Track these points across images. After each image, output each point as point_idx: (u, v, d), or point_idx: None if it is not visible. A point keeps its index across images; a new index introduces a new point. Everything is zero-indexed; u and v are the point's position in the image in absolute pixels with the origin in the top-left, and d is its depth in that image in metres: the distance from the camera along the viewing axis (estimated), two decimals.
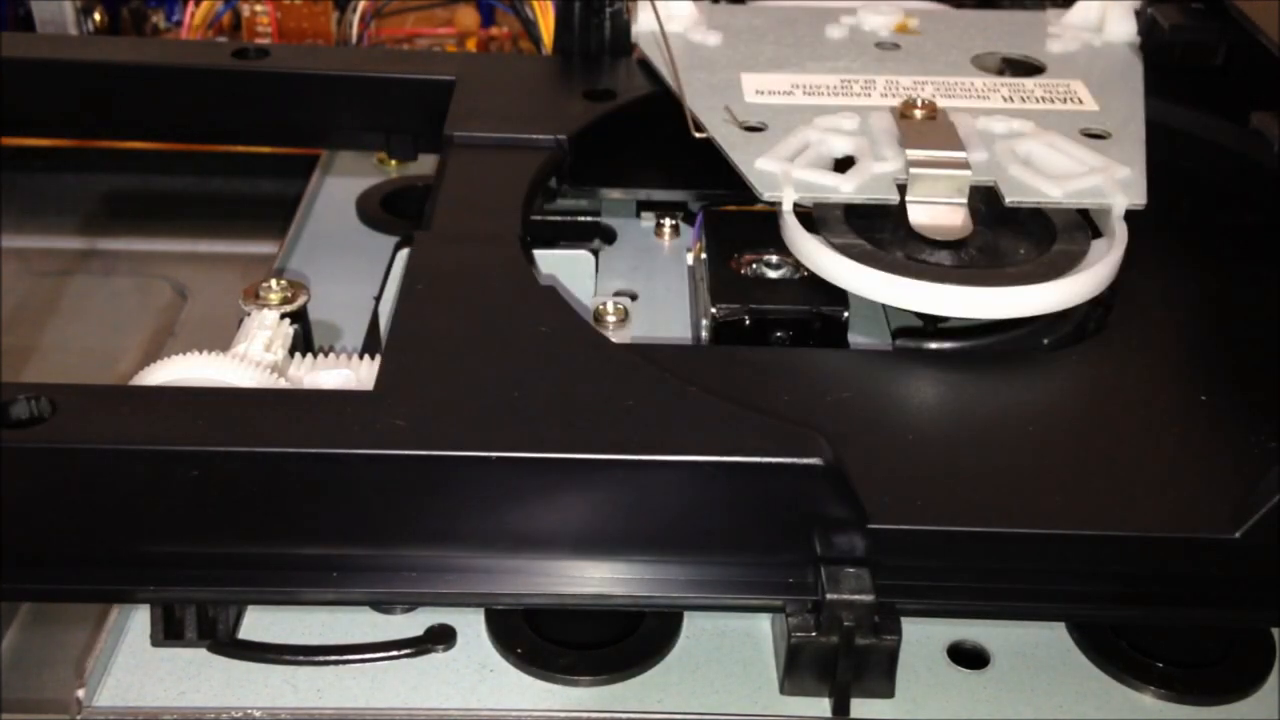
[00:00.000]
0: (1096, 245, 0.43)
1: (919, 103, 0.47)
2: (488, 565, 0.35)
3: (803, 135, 0.46)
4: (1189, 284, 0.44)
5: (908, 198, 0.43)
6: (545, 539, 0.35)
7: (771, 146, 0.45)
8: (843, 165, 0.45)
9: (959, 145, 0.45)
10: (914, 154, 0.44)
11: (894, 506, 0.34)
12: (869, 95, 0.49)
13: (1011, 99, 0.49)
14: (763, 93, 0.49)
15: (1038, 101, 0.49)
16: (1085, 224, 0.44)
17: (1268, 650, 0.37)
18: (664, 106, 0.49)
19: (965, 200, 0.44)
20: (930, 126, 0.46)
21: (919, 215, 0.43)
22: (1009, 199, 0.43)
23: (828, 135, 0.46)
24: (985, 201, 0.44)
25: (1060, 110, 0.49)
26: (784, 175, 0.44)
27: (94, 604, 0.39)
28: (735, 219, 0.48)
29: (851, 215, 0.43)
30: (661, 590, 0.35)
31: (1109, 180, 0.44)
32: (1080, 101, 0.50)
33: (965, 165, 0.44)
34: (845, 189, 0.43)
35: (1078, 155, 0.45)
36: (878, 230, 0.43)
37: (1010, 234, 0.44)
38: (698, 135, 0.46)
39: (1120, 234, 0.43)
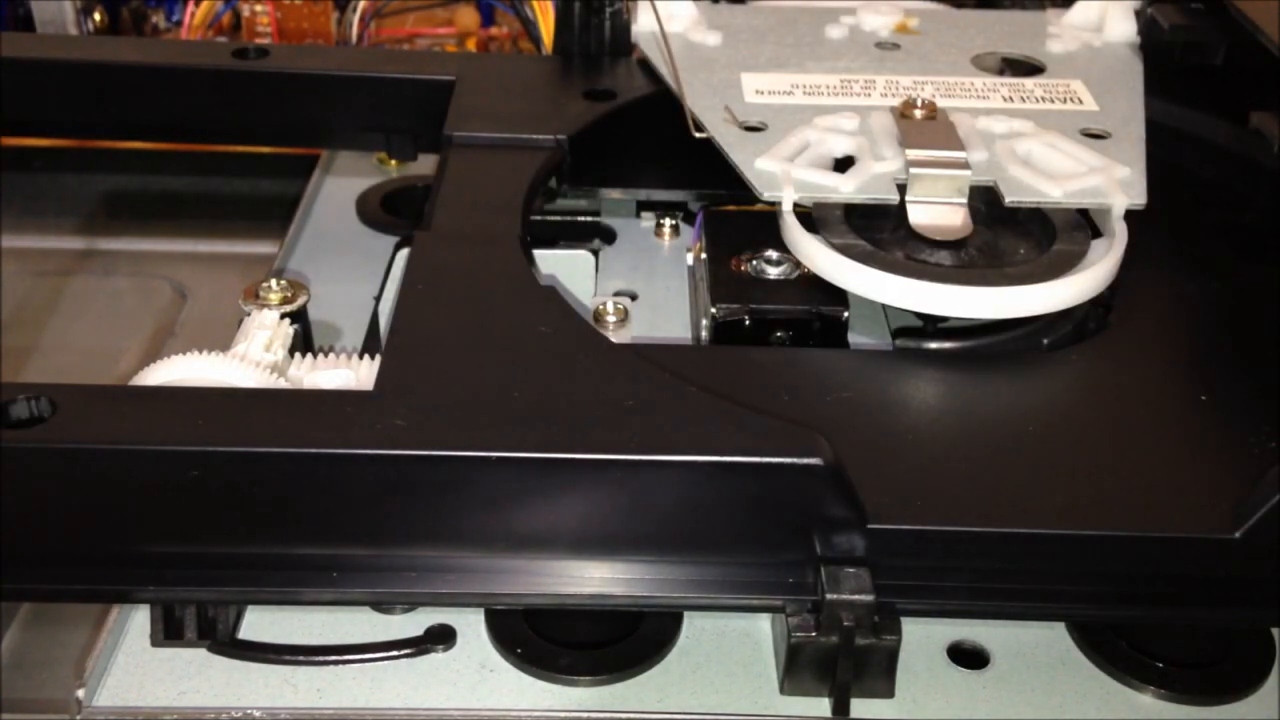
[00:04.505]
0: (1096, 245, 0.43)
1: (919, 102, 0.47)
2: (488, 565, 0.35)
3: (803, 135, 0.46)
4: (1188, 284, 0.44)
5: (908, 198, 0.43)
6: (545, 539, 0.35)
7: (771, 146, 0.45)
8: (843, 165, 0.45)
9: (959, 145, 0.45)
10: (914, 154, 0.44)
11: (894, 506, 0.34)
12: (869, 95, 0.49)
13: (1011, 99, 0.49)
14: (763, 92, 0.49)
15: (1038, 101, 0.49)
16: (1085, 224, 0.44)
17: (1268, 650, 0.37)
18: (664, 107, 0.49)
19: (965, 200, 0.44)
20: (930, 126, 0.46)
21: (919, 215, 0.43)
22: (1009, 199, 0.43)
23: (827, 135, 0.46)
24: (985, 202, 0.44)
25: (1060, 110, 0.49)
26: (784, 175, 0.44)
27: (94, 604, 0.39)
28: (735, 219, 0.48)
29: (851, 215, 0.43)
30: (662, 590, 0.35)
31: (1109, 180, 0.44)
32: (1080, 101, 0.50)
33: (965, 165, 0.44)
34: (845, 189, 0.43)
35: (1077, 155, 0.45)
36: (878, 230, 0.43)
37: (1010, 234, 0.44)
38: (698, 135, 0.46)
39: (1120, 234, 0.43)
